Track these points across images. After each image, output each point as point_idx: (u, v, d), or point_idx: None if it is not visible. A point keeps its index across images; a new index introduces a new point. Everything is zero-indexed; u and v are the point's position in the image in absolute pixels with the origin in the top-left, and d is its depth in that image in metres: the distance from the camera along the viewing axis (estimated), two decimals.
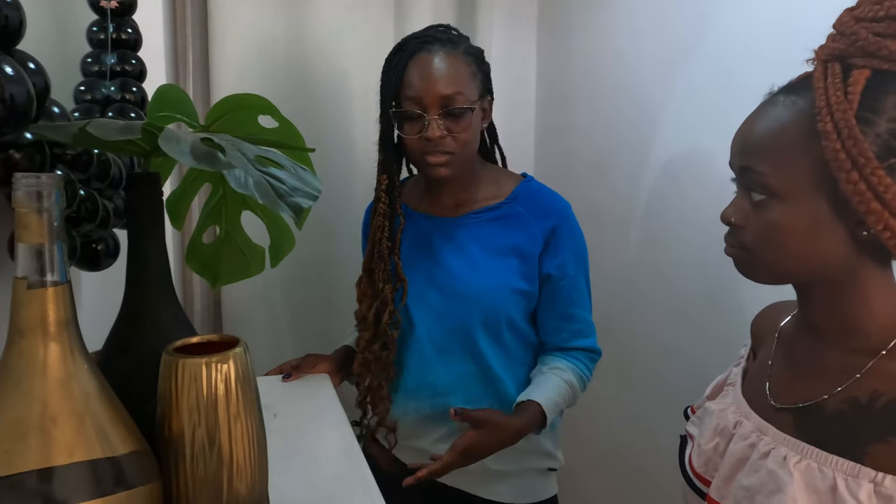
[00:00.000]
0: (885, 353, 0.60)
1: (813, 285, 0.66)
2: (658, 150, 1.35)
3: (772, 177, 0.61)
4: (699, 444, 0.73)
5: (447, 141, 1.01)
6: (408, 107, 1.02)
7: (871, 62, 0.56)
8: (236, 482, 0.54)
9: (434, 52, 1.02)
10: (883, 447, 0.56)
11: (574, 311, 1.09)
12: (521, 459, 1.10)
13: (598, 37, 1.52)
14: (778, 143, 0.61)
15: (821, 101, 0.58)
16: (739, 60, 1.14)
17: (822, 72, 0.59)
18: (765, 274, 0.66)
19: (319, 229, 1.50)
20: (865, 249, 0.60)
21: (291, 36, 1.46)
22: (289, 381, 1.15)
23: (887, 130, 0.56)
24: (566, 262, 1.07)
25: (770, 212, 0.62)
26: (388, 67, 1.05)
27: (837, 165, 0.57)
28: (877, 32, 0.56)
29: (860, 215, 0.57)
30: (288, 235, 0.79)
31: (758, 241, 0.64)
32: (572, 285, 1.08)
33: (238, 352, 0.55)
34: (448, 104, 1.01)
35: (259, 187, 0.53)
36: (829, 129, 0.57)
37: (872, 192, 0.56)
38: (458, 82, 1.01)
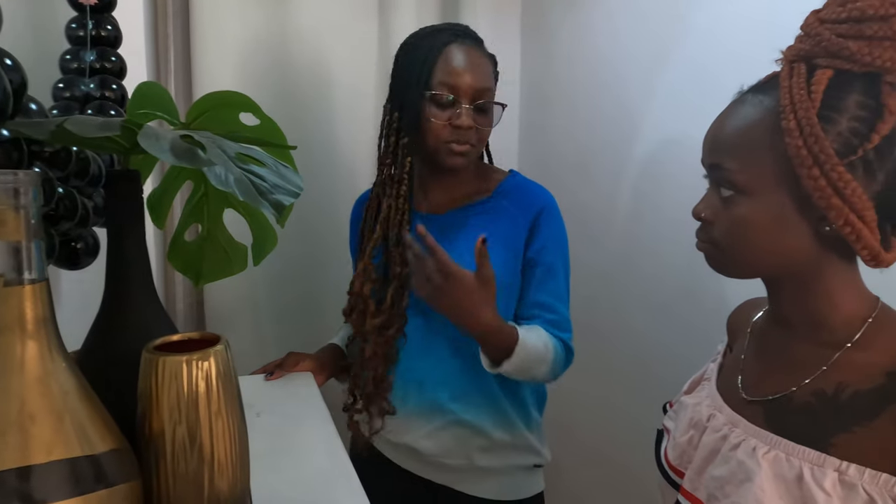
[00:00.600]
0: (851, 346, 0.61)
1: (781, 280, 0.67)
2: (639, 150, 1.36)
3: (738, 173, 0.63)
4: (674, 437, 0.75)
5: (473, 132, 1.03)
6: (441, 91, 1.02)
7: (834, 62, 0.58)
8: (217, 480, 0.54)
9: (468, 45, 1.04)
10: (848, 437, 0.57)
11: (549, 300, 1.07)
12: (508, 456, 1.10)
13: (580, 37, 1.53)
14: (745, 141, 0.63)
15: (785, 99, 0.59)
16: (717, 61, 1.15)
17: (787, 71, 0.61)
18: (733, 268, 0.68)
19: (303, 228, 1.50)
20: (829, 245, 0.62)
21: (275, 34, 1.46)
22: (271, 379, 1.14)
23: (848, 129, 0.57)
24: (545, 247, 1.07)
25: (737, 207, 0.63)
26: (415, 50, 1.04)
27: (800, 162, 0.58)
28: (839, 34, 0.57)
29: (822, 211, 0.59)
30: (270, 233, 0.79)
31: (726, 237, 0.65)
32: (549, 273, 1.07)
33: (219, 349, 0.54)
34: (479, 97, 1.03)
35: (240, 184, 0.52)
36: (792, 127, 0.58)
37: (833, 188, 0.57)
38: (487, 79, 1.04)
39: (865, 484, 0.54)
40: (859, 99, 0.58)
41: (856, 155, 0.57)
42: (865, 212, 0.58)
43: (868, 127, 0.57)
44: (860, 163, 0.58)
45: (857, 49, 0.56)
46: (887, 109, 0.57)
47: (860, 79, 0.58)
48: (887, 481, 0.54)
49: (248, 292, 1.49)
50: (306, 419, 1.02)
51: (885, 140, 0.57)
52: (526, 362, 1.00)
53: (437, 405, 1.09)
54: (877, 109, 0.57)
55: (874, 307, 0.63)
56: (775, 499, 0.58)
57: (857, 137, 0.57)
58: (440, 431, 1.09)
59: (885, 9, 0.55)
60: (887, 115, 0.57)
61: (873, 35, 0.56)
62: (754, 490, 0.59)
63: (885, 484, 0.54)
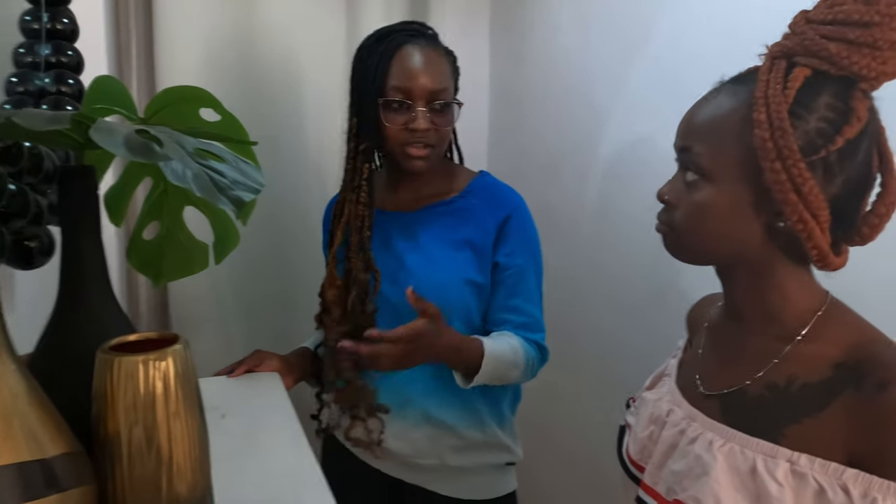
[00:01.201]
0: (801, 339, 0.63)
1: (734, 274, 0.68)
2: (607, 151, 1.38)
3: (705, 158, 0.64)
4: (635, 432, 0.76)
5: (431, 134, 1.03)
6: (394, 96, 1.01)
7: (813, 62, 0.59)
8: (176, 483, 0.52)
9: (421, 46, 1.03)
10: (798, 428, 0.59)
11: (520, 303, 1.08)
12: (480, 455, 1.10)
13: (549, 38, 1.54)
14: (715, 127, 0.64)
15: (760, 91, 0.60)
16: (682, 64, 1.17)
17: (768, 66, 0.62)
18: (687, 252, 0.69)
19: (271, 227, 1.48)
20: (780, 241, 0.63)
21: (241, 29, 1.43)
22: (234, 376, 1.12)
23: (815, 129, 0.59)
24: (515, 251, 1.07)
25: (699, 192, 0.65)
26: (369, 56, 1.04)
27: (764, 154, 0.59)
28: (823, 34, 0.58)
29: (779, 205, 0.60)
30: (232, 231, 0.78)
31: (684, 220, 0.66)
32: (519, 276, 1.08)
33: (177, 349, 0.53)
34: (435, 98, 1.02)
35: (198, 180, 0.51)
36: (762, 119, 0.59)
37: (792, 183, 0.58)
38: (443, 79, 1.04)
39: (816, 473, 0.56)
40: (830, 101, 0.59)
41: (818, 155, 0.59)
42: (819, 211, 0.59)
43: (834, 129, 0.58)
44: (821, 163, 0.59)
45: (836, 51, 0.57)
46: (855, 115, 0.58)
47: (835, 81, 0.59)
48: (836, 470, 0.55)
49: (214, 294, 1.47)
50: (272, 420, 1.00)
51: (848, 144, 0.59)
52: (497, 370, 1.01)
53: (410, 404, 1.08)
54: (845, 113, 0.58)
55: (824, 301, 0.65)
56: (731, 491, 0.59)
57: (822, 138, 0.58)
58: (413, 431, 1.08)
59: (869, 16, 0.56)
60: (854, 121, 0.58)
61: (854, 40, 0.57)
62: (711, 483, 0.60)
63: (835, 472, 0.55)
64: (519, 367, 1.03)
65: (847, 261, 0.63)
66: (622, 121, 1.33)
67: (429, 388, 1.07)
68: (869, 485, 0.54)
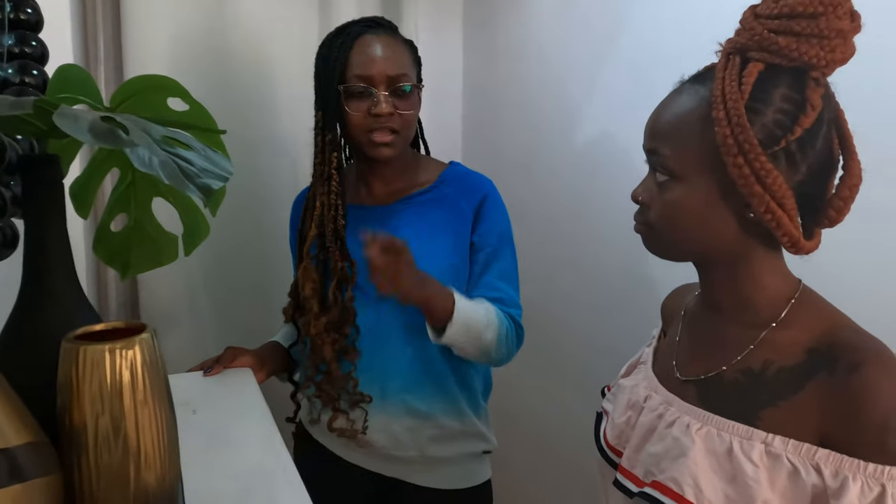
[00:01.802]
0: (776, 326, 0.65)
1: (710, 265, 0.70)
2: (580, 149, 1.39)
3: (672, 159, 0.65)
4: (613, 418, 0.77)
5: (394, 118, 1.03)
6: (355, 83, 1.02)
7: (765, 56, 0.60)
8: (144, 473, 0.52)
9: (379, 34, 1.05)
10: (773, 411, 0.60)
11: (494, 280, 1.08)
12: (458, 444, 1.11)
13: (521, 35, 1.55)
14: (678, 128, 0.65)
15: (717, 90, 0.62)
16: (650, 63, 1.19)
17: (723, 63, 0.63)
18: (666, 250, 0.70)
19: (243, 221, 1.46)
20: (752, 231, 0.65)
21: (211, 21, 1.42)
22: (209, 374, 1.12)
23: (773, 120, 0.60)
24: (489, 231, 1.09)
25: (670, 192, 0.66)
26: (330, 48, 1.05)
27: (726, 150, 0.61)
28: (772, 29, 0.60)
29: (745, 198, 0.61)
30: (202, 222, 0.77)
31: (660, 219, 0.68)
32: (494, 255, 1.09)
33: (144, 337, 0.53)
34: (395, 83, 1.03)
35: (165, 167, 0.51)
36: (721, 117, 0.60)
37: (755, 176, 0.60)
38: (403, 64, 1.05)
39: (789, 454, 0.58)
40: (785, 92, 0.60)
41: (779, 146, 0.60)
42: (785, 200, 0.60)
43: (791, 119, 0.60)
44: (783, 153, 0.61)
45: (785, 44, 0.59)
46: (810, 104, 0.59)
47: (788, 73, 0.60)
48: (808, 450, 0.57)
49: (185, 289, 1.45)
50: (245, 415, 1.00)
51: (807, 133, 0.60)
52: (469, 327, 1.00)
53: (390, 396, 1.08)
54: (801, 103, 0.60)
55: (797, 289, 0.66)
56: (708, 472, 0.61)
57: (781, 129, 0.60)
58: (392, 422, 1.08)
59: (813, 7, 0.57)
60: (809, 110, 0.59)
61: (801, 32, 0.58)
62: (688, 464, 0.62)
63: (807, 453, 0.57)
64: (492, 329, 1.02)
65: (819, 244, 0.65)
66: (596, 118, 1.35)
67: (407, 379, 1.08)
68: (840, 464, 0.55)
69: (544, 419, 1.54)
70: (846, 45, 0.59)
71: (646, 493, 0.65)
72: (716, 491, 0.60)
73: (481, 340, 1.02)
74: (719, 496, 0.60)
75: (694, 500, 0.60)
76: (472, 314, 1.01)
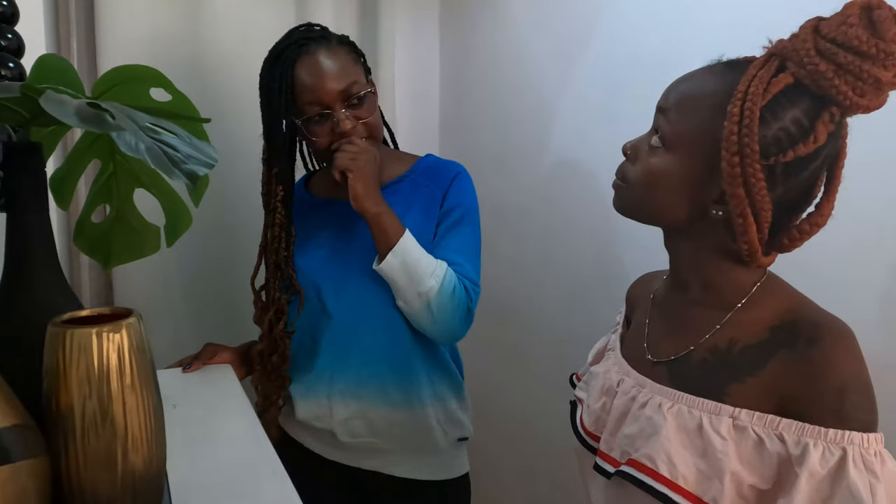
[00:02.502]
0: (740, 306, 0.67)
1: (678, 245, 0.72)
2: (554, 146, 1.42)
3: (672, 127, 0.67)
4: (588, 405, 0.79)
5: (359, 129, 1.04)
6: (311, 111, 1.02)
7: (799, 73, 0.60)
8: (132, 455, 0.52)
9: (314, 51, 1.03)
10: (739, 386, 0.63)
11: (450, 254, 1.06)
12: (433, 431, 1.11)
13: (497, 34, 1.57)
14: (691, 105, 0.66)
15: (743, 85, 0.61)
16: (620, 64, 1.22)
17: (762, 62, 0.63)
18: (630, 208, 0.72)
19: (222, 222, 1.45)
20: (710, 227, 0.67)
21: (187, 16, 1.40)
22: (189, 371, 1.11)
23: (773, 136, 0.61)
24: (453, 207, 1.09)
25: (656, 158, 0.68)
26: (271, 80, 1.04)
27: (727, 146, 0.62)
28: (820, 49, 0.58)
29: (726, 195, 0.63)
30: (184, 213, 0.77)
31: (636, 178, 0.70)
32: (454, 228, 1.08)
33: (131, 321, 0.53)
34: (349, 95, 1.02)
35: (151, 153, 0.51)
36: (734, 112, 0.61)
37: (744, 179, 0.61)
38: (348, 73, 1.03)
39: (755, 425, 0.60)
40: (797, 115, 0.60)
41: (767, 161, 0.61)
42: (762, 211, 0.62)
43: (790, 143, 0.60)
44: (766, 169, 0.61)
45: (823, 70, 0.58)
46: (814, 135, 0.60)
47: (810, 98, 0.60)
48: (772, 421, 0.60)
49: (161, 284, 1.43)
50: (226, 409, 1.00)
51: (798, 160, 0.61)
52: (412, 260, 1.00)
53: (367, 386, 1.09)
54: (806, 131, 0.60)
55: (762, 274, 0.69)
56: (680, 447, 0.63)
57: (776, 147, 0.61)
58: (371, 413, 1.09)
59: (867, 46, 0.56)
60: (811, 141, 0.60)
61: (843, 64, 0.57)
62: (661, 441, 0.64)
63: (771, 423, 0.60)
64: (437, 277, 1.00)
65: (773, 262, 0.68)
66: (568, 118, 1.37)
67: (383, 369, 1.08)
68: (802, 431, 0.58)
69: (523, 414, 1.56)
70: (878, 95, 0.58)
71: (622, 472, 0.67)
72: (688, 465, 0.62)
73: (422, 285, 1.00)
74: (691, 470, 0.62)
75: (668, 474, 0.63)
76: (417, 256, 1.00)
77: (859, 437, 0.56)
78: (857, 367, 0.59)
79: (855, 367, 0.59)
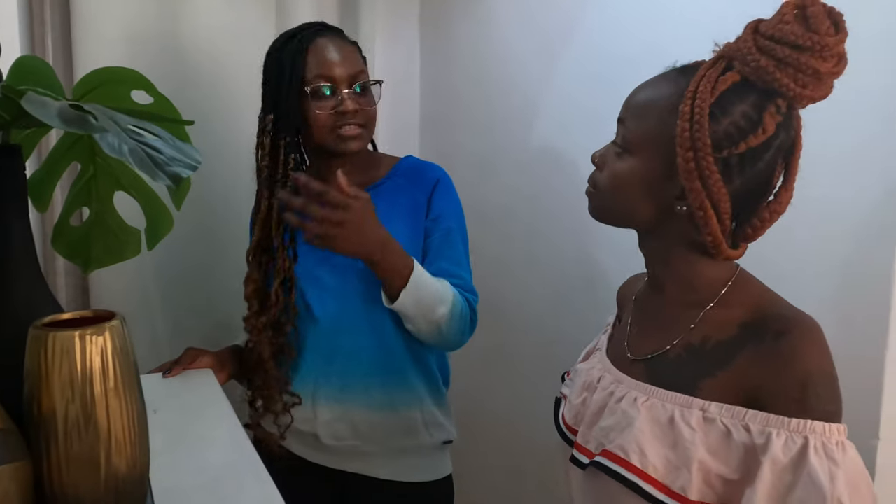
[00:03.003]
0: (713, 305, 0.70)
1: (651, 247, 0.75)
2: (537, 146, 1.43)
3: (631, 133, 0.70)
4: (570, 400, 0.81)
5: (360, 114, 1.06)
6: (319, 83, 1.04)
7: (744, 70, 0.64)
8: (115, 459, 0.52)
9: (330, 37, 1.08)
10: (711, 381, 0.65)
11: (447, 265, 1.09)
12: (420, 434, 1.12)
13: (477, 35, 1.58)
14: (647, 109, 0.70)
15: (692, 86, 0.65)
16: (601, 63, 1.23)
17: (710, 63, 0.66)
18: (600, 212, 0.76)
19: (201, 227, 1.44)
20: (676, 223, 0.69)
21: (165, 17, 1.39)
22: (169, 376, 1.10)
23: (724, 130, 0.64)
24: (441, 216, 1.11)
25: (621, 162, 0.71)
26: (283, 54, 1.06)
27: (681, 143, 0.65)
28: (760, 47, 0.62)
29: (685, 190, 0.66)
30: (165, 215, 0.77)
31: (605, 183, 0.73)
32: (446, 239, 1.10)
33: (115, 324, 0.53)
34: (356, 80, 1.06)
35: (134, 154, 0.51)
36: (685, 111, 0.64)
37: (699, 172, 0.64)
38: (359, 63, 1.09)
39: (723, 417, 0.63)
40: (745, 109, 0.64)
41: (720, 154, 0.64)
42: (720, 203, 0.65)
43: (740, 136, 0.64)
44: (721, 162, 0.65)
45: (764, 65, 0.62)
46: (762, 127, 0.63)
47: (756, 93, 0.64)
48: (739, 412, 0.62)
49: (139, 288, 1.42)
50: (207, 414, 0.99)
51: (750, 151, 0.64)
52: (424, 296, 1.00)
53: (351, 389, 1.08)
54: (755, 123, 0.63)
55: (734, 272, 0.71)
56: (651, 439, 0.66)
57: (728, 141, 0.64)
58: (354, 415, 1.09)
59: (802, 40, 0.60)
60: (760, 132, 0.63)
61: (782, 59, 0.61)
62: (634, 433, 0.66)
63: (738, 415, 0.62)
64: (446, 305, 1.02)
65: (743, 254, 0.70)
66: (550, 117, 1.39)
67: (368, 371, 1.08)
68: (766, 421, 0.60)
69: (501, 411, 1.57)
70: (820, 85, 0.62)
71: (596, 462, 0.69)
72: (658, 456, 0.65)
73: (434, 314, 1.01)
74: (661, 460, 0.64)
75: (639, 464, 0.65)
76: (428, 286, 1.01)
77: (821, 426, 0.59)
78: (822, 359, 0.62)
79: (820, 359, 0.62)
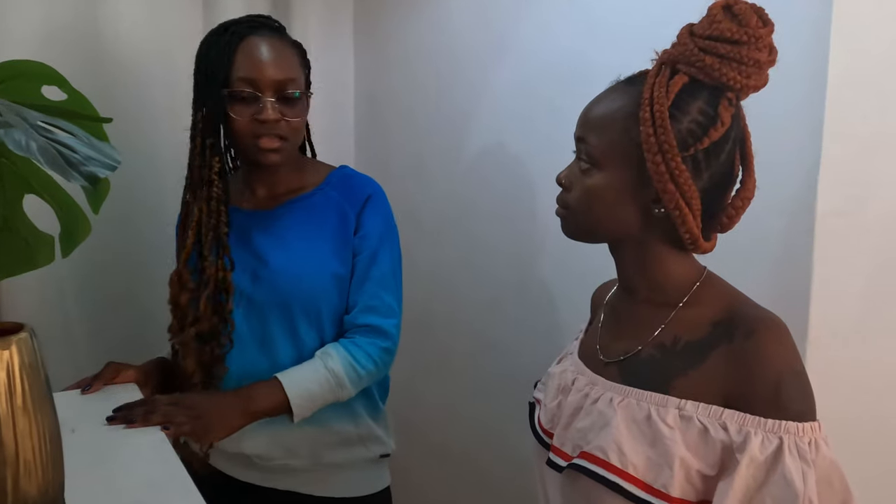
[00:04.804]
0: (682, 305, 0.72)
1: (622, 251, 0.76)
2: (471, 152, 1.44)
3: (595, 148, 0.72)
4: (545, 404, 0.82)
5: (281, 125, 1.01)
6: (240, 87, 0.99)
7: (690, 70, 0.67)
8: (24, 482, 0.48)
9: (265, 36, 1.01)
10: (683, 379, 0.67)
11: (370, 287, 1.06)
12: (354, 449, 1.10)
13: (411, 43, 1.58)
14: (606, 122, 0.72)
15: (647, 93, 0.68)
16: (535, 74, 1.25)
17: (656, 70, 0.69)
18: (579, 232, 0.77)
19: (122, 238, 1.38)
20: (656, 225, 0.72)
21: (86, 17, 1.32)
22: (89, 392, 1.03)
23: (686, 129, 0.68)
24: (368, 235, 1.07)
25: (590, 178, 0.72)
26: (211, 48, 1.01)
27: (647, 148, 0.67)
28: (701, 47, 0.66)
29: (658, 193, 0.68)
30: (82, 221, 0.72)
31: (577, 203, 0.74)
32: (372, 259, 1.07)
33: (22, 337, 0.49)
34: (283, 88, 1.00)
35: (44, 153, 0.48)
36: (646, 117, 0.67)
37: (670, 174, 0.67)
38: (291, 69, 1.02)
39: (700, 415, 0.65)
40: (701, 106, 0.67)
41: (688, 152, 0.67)
42: (692, 200, 0.68)
43: (703, 131, 0.67)
44: (690, 160, 0.68)
45: (709, 63, 0.66)
46: (721, 120, 0.67)
47: (707, 89, 0.67)
48: (716, 411, 0.64)
49: (54, 297, 1.33)
50: (131, 431, 0.93)
51: (713, 145, 0.68)
52: (315, 396, 1.01)
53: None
54: (713, 118, 0.67)
55: (701, 273, 0.74)
56: (629, 438, 0.67)
57: (692, 138, 0.67)
58: (283, 432, 1.05)
59: (738, 35, 0.64)
60: (719, 125, 0.67)
61: (724, 55, 0.65)
62: (612, 432, 0.68)
63: (715, 413, 0.64)
64: (344, 384, 1.02)
65: (715, 246, 0.74)
66: (484, 125, 1.40)
67: None
68: (743, 421, 0.63)
69: (444, 425, 1.56)
70: (761, 74, 0.67)
71: (575, 464, 0.70)
72: (638, 454, 0.66)
73: (339, 397, 1.03)
74: (641, 458, 0.66)
75: (618, 464, 0.66)
76: (309, 381, 1.01)
77: (794, 426, 0.61)
78: (791, 358, 0.65)
79: (788, 358, 0.65)
